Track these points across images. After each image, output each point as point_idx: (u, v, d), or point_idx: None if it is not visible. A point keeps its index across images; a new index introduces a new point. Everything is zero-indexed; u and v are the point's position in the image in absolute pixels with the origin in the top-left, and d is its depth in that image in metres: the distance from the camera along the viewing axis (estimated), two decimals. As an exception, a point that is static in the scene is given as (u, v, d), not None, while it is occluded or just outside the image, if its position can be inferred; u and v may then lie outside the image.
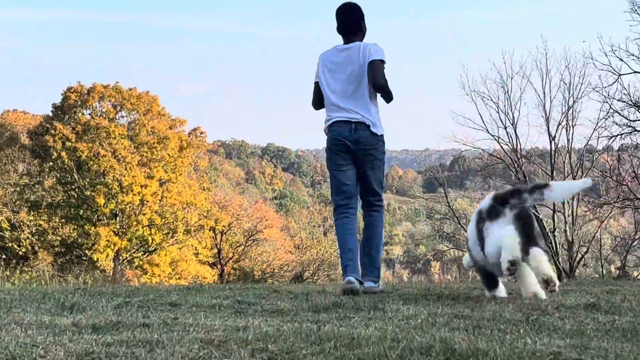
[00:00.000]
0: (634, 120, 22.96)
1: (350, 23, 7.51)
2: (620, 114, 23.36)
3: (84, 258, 41.41)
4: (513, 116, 28.77)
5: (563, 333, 4.33)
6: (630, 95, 22.87)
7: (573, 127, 28.24)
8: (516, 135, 28.80)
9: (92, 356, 3.55)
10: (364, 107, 7.23)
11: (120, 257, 42.63)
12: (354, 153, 7.25)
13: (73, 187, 42.53)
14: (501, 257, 5.81)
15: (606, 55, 23.30)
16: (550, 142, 28.58)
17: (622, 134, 23.39)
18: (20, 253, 41.06)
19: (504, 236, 5.84)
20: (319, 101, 7.60)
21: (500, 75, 29.71)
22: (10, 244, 41.30)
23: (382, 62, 7.24)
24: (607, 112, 24.33)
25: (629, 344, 3.92)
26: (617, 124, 23.51)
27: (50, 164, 42.42)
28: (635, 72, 22.40)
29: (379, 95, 7.42)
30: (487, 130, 29.11)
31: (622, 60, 22.50)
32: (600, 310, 5.47)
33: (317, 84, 7.53)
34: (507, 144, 29.07)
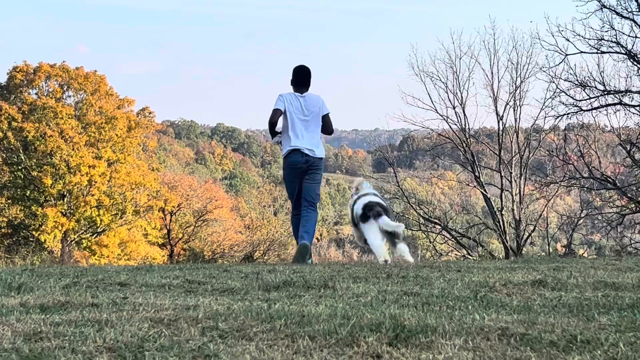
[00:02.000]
0: (580, 100, 23.23)
1: (304, 80, 10.10)
2: (566, 94, 23.61)
3: (31, 239, 40.90)
4: (461, 96, 29.00)
5: (511, 309, 4.39)
6: (576, 75, 23.13)
7: (520, 107, 28.56)
8: (464, 115, 29.01)
9: (40, 335, 3.51)
10: (317, 141, 10.03)
11: (69, 238, 42.19)
12: (305, 171, 9.99)
13: (19, 167, 41.93)
14: None
15: (553, 36, 23.63)
16: (498, 122, 28.87)
17: (568, 114, 23.66)
18: (-34, 235, 40.45)
19: None
20: (276, 124, 9.97)
21: (449, 56, 29.96)
22: (-45, 226, 40.70)
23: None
24: (554, 92, 24.56)
25: (575, 318, 3.99)
26: (563, 103, 23.77)
27: (-4, 144, 41.78)
28: (582, 52, 22.67)
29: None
30: (436, 110, 29.29)
31: (568, 40, 22.77)
32: (547, 287, 5.54)
33: (279, 111, 9.87)
34: (455, 124, 29.28)
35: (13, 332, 3.58)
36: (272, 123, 9.84)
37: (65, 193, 42.17)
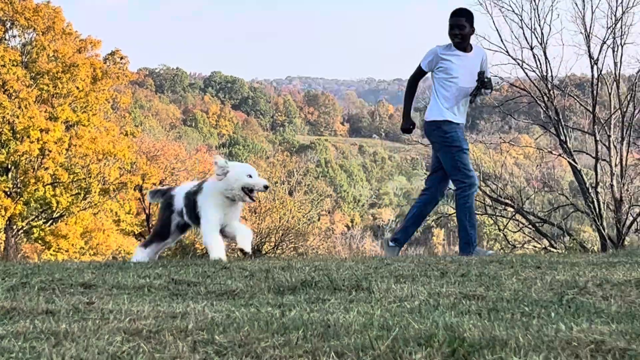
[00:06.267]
0: None
1: None
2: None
3: (-38, 228, 41.17)
4: (542, 32, 28.75)
5: (608, 316, 4.39)
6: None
7: (622, 47, 28.26)
8: (546, 58, 28.78)
9: (-23, 353, 3.55)
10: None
11: (14, 227, 42.44)
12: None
13: (-53, 132, 42.14)
14: None
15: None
16: (592, 68, 28.62)
17: (687, 56, 23.43)
18: None
19: None
20: None
21: (525, -22, 29.69)
22: None
23: (418, 65, 11.39)
24: (669, 26, 24.30)
25: (696, 329, 3.98)
26: (681, 41, 23.51)
27: None
28: None
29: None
30: (507, 51, 29.09)
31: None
32: (658, 288, 5.54)
33: None
34: (533, 70, 29.06)
35: (-59, 348, 3.62)
36: None
37: (9, 166, 42.34)
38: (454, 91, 11.02)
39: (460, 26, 11.04)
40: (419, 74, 11.33)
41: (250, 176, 9.20)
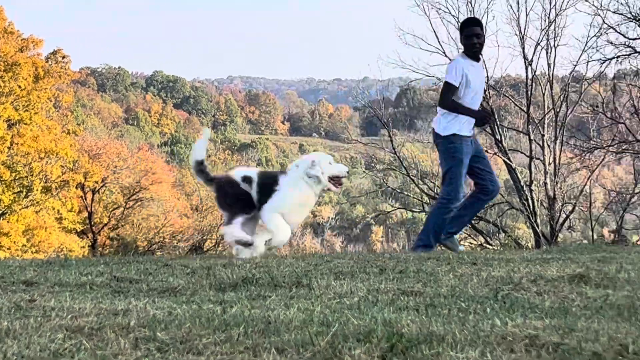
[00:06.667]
0: (633, 39, 23.15)
1: None
2: (616, 31, 23.52)
3: None
4: (478, 34, 28.78)
5: (542, 312, 4.42)
6: (629, 6, 23.03)
7: (555, 49, 28.40)
8: (482, 59, 28.84)
9: None
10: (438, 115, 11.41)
11: (-44, 225, 41.93)
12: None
13: None
14: None
15: (598, -47, 23.40)
16: (526, 69, 28.74)
17: (618, 57, 23.57)
18: None
19: None
20: None
21: (462, -20, 29.74)
22: None
23: (446, 83, 11.11)
24: (600, 29, 24.44)
25: (626, 324, 4.01)
26: (612, 43, 23.67)
27: None
28: (636, -25, 22.58)
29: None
30: (444, 52, 29.09)
31: (618, -42, 22.64)
32: (589, 283, 5.58)
33: None
34: (470, 71, 29.07)
35: None
36: None
37: (-50, 164, 41.83)
38: (469, 102, 11.03)
39: (478, 35, 11.16)
40: (452, 90, 10.99)
41: (330, 163, 8.84)
